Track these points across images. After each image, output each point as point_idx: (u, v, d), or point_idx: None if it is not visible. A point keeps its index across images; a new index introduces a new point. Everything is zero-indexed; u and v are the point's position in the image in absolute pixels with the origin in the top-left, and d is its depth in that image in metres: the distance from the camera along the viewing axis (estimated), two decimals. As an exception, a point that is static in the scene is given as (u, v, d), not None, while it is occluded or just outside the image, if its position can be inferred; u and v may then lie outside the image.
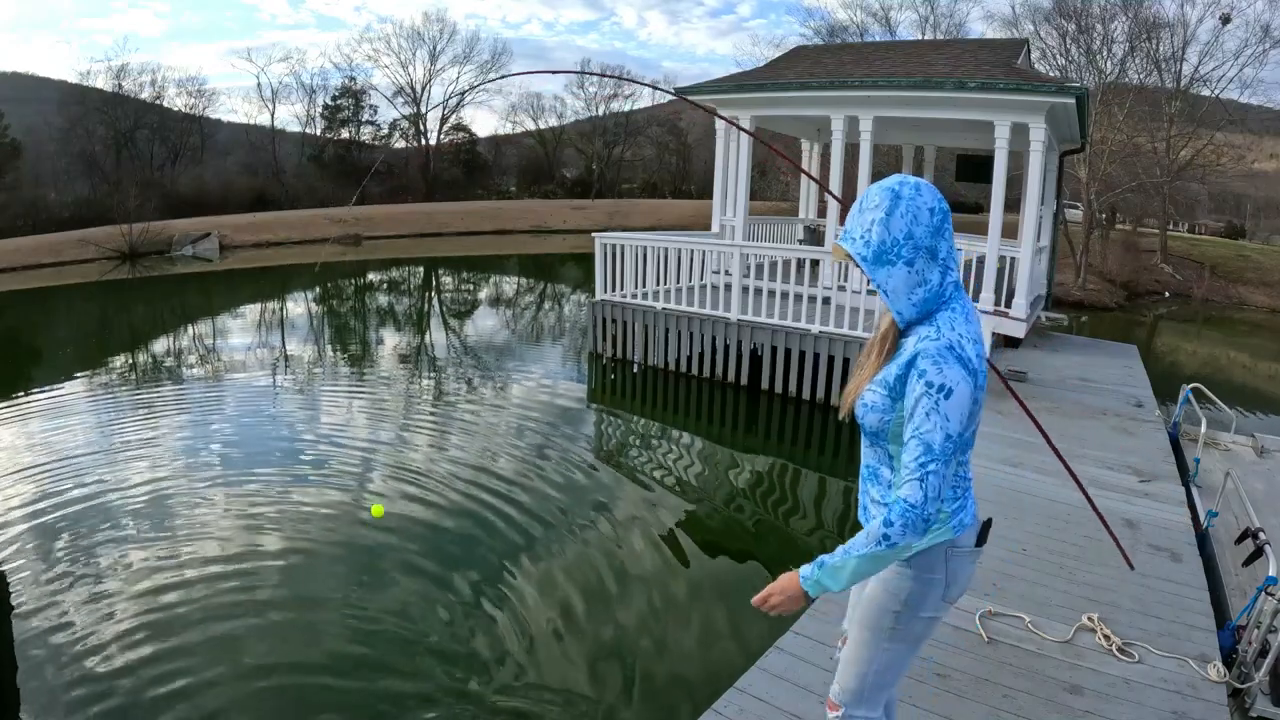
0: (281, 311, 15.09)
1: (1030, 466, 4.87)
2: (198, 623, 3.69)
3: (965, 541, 1.59)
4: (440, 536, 4.76)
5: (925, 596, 1.58)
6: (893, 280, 1.45)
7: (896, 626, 1.61)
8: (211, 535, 4.65)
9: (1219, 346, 16.04)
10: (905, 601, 1.59)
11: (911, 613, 1.60)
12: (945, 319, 1.45)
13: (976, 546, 1.62)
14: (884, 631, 1.62)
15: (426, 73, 43.04)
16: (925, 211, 1.43)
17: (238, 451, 6.23)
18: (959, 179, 14.33)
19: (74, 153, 31.54)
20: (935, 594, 1.59)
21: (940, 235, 1.45)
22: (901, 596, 1.59)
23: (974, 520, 1.61)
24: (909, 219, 1.42)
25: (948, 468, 1.39)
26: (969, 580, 1.65)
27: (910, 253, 1.43)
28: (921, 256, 1.44)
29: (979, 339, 1.49)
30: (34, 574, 4.14)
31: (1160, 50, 21.54)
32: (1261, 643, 2.78)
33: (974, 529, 1.61)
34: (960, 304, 1.49)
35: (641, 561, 4.53)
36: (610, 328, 9.00)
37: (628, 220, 30.28)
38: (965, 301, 1.52)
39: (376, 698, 3.21)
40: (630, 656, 3.59)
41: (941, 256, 1.46)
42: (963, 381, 1.39)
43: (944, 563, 1.57)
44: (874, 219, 1.44)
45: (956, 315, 1.46)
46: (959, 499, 1.59)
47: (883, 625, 1.62)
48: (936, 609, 1.62)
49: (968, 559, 1.61)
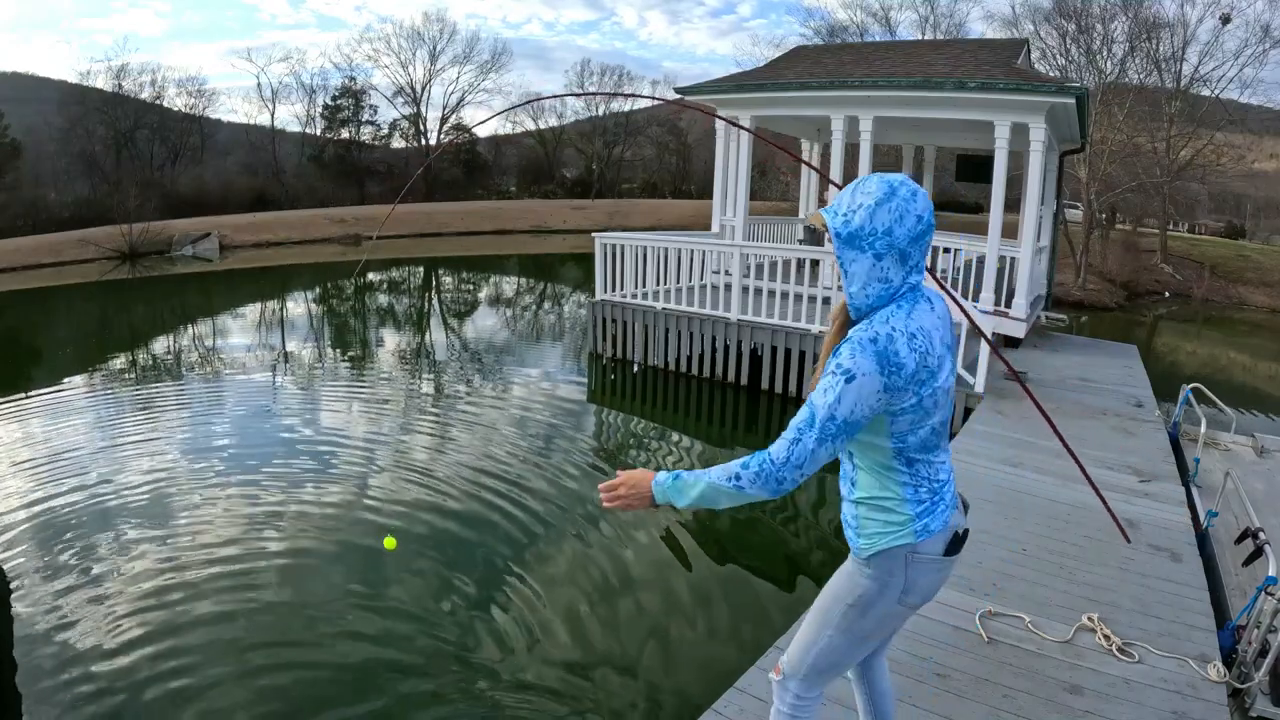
0: (281, 311, 15.10)
1: (1030, 466, 4.87)
2: (199, 622, 3.70)
3: (929, 549, 1.55)
4: (441, 536, 4.76)
5: (879, 597, 1.58)
6: (857, 265, 1.47)
7: (845, 619, 1.62)
8: (213, 534, 4.65)
9: (1219, 346, 16.04)
10: (859, 598, 1.60)
11: (862, 610, 1.61)
12: (884, 314, 1.47)
13: (945, 556, 1.58)
14: (832, 620, 1.64)
15: (426, 73, 43.06)
16: (912, 217, 1.44)
17: (239, 451, 6.23)
18: (959, 179, 14.35)
19: (74, 153, 31.53)
20: (890, 596, 1.58)
21: (917, 244, 1.46)
22: (857, 592, 1.60)
23: (944, 528, 1.57)
24: (895, 216, 1.43)
25: (822, 446, 1.40)
26: (934, 589, 1.62)
27: (883, 248, 1.45)
28: (891, 255, 1.45)
29: (926, 332, 1.47)
30: (35, 573, 4.14)
31: (1160, 50, 21.55)
32: (1261, 643, 2.78)
33: (942, 537, 1.57)
34: (909, 301, 1.49)
35: (641, 561, 4.54)
36: (610, 328, 9.00)
37: (628, 220, 30.28)
38: (919, 300, 1.51)
39: (378, 698, 3.21)
40: (630, 656, 3.59)
41: (910, 264, 1.48)
42: (871, 373, 1.39)
43: (903, 568, 1.55)
44: (863, 203, 1.45)
45: (899, 311, 1.47)
46: (924, 503, 1.55)
47: (833, 614, 1.65)
48: (889, 611, 1.61)
49: (932, 567, 1.58)
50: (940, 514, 1.56)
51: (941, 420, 1.55)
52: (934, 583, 1.61)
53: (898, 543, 1.54)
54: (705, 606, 4.07)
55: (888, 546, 1.54)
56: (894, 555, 1.55)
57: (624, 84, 46.82)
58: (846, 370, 1.40)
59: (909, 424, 1.48)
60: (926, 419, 1.49)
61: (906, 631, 2.93)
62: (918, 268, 1.49)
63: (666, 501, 1.52)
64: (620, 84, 46.63)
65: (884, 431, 1.49)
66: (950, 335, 1.59)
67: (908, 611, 1.65)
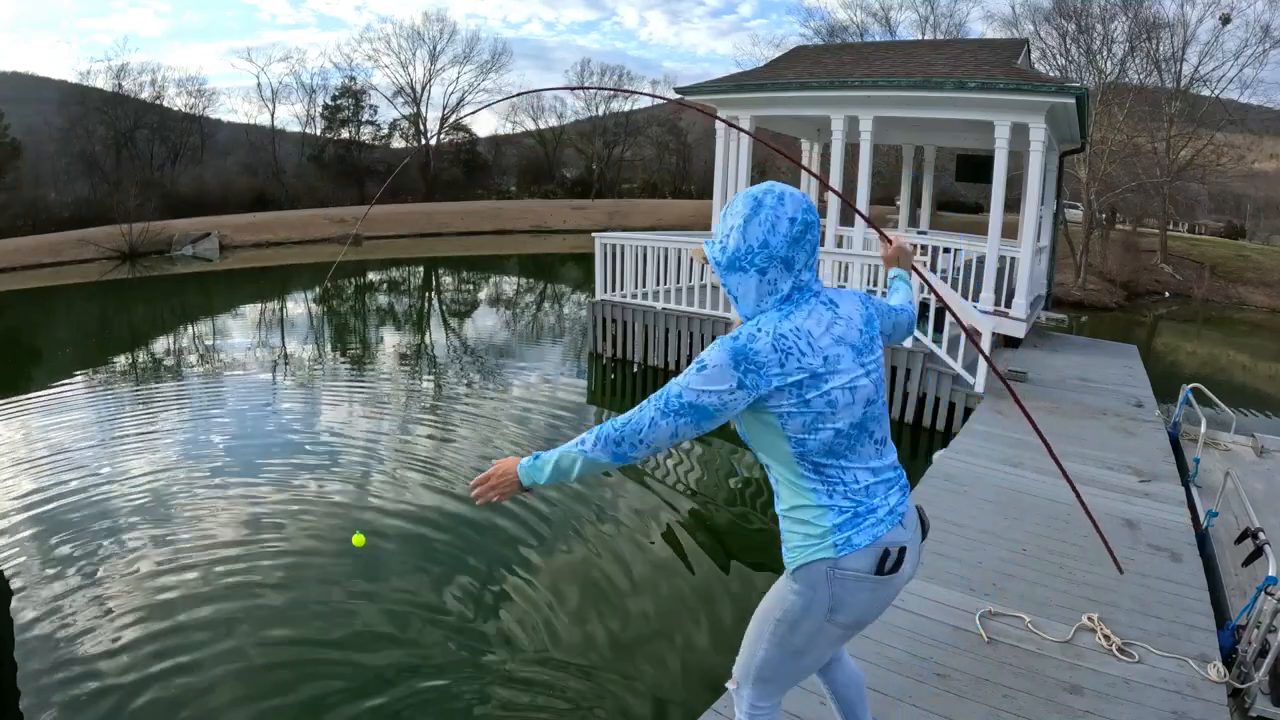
0: (282, 311, 15.10)
1: (1030, 466, 4.87)
2: (200, 622, 3.69)
3: (853, 565, 1.47)
4: (442, 535, 4.76)
5: (805, 614, 1.53)
6: (743, 286, 1.47)
7: (775, 634, 1.58)
8: (214, 533, 4.65)
9: (1219, 346, 16.04)
10: (785, 613, 1.55)
11: (790, 626, 1.55)
12: (761, 318, 1.45)
13: (879, 574, 1.49)
14: (765, 634, 1.61)
15: (426, 73, 43.06)
16: (785, 221, 1.43)
17: (239, 449, 6.23)
18: (959, 179, 14.34)
19: (74, 153, 31.52)
20: (816, 614, 1.52)
21: (798, 245, 1.45)
22: (784, 607, 1.56)
23: (872, 543, 1.48)
24: (766, 228, 1.43)
25: (663, 419, 1.40)
26: (870, 610, 1.55)
27: (764, 261, 1.44)
28: (775, 265, 1.44)
29: (804, 331, 1.44)
30: (35, 573, 4.14)
31: (1160, 50, 21.56)
32: (1261, 642, 2.78)
33: (869, 552, 1.48)
34: (794, 304, 1.47)
35: (641, 562, 4.54)
36: (610, 328, 9.00)
37: (628, 220, 30.28)
38: (807, 302, 1.48)
39: (379, 699, 3.21)
40: (630, 656, 3.59)
41: (797, 267, 1.46)
42: (721, 365, 1.38)
43: (825, 584, 1.48)
44: (734, 225, 1.45)
45: (776, 314, 1.45)
46: (844, 513, 1.48)
47: (764, 627, 1.61)
48: (819, 629, 1.54)
49: (861, 586, 1.49)
50: (867, 528, 1.48)
51: (853, 424, 1.47)
52: (867, 603, 1.53)
53: (816, 556, 1.48)
54: (705, 606, 4.07)
55: (807, 560, 1.49)
56: (814, 570, 1.49)
57: (624, 84, 46.86)
58: (701, 360, 1.42)
59: (803, 426, 1.44)
60: (824, 421, 1.44)
61: (906, 631, 2.93)
62: (807, 266, 1.48)
63: (532, 482, 1.50)
64: (620, 84, 46.68)
65: (779, 432, 1.46)
66: (862, 335, 1.52)
67: (842, 632, 1.57)
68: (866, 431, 1.51)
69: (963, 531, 3.85)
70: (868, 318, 1.56)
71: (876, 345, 1.57)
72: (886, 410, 1.61)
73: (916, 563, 1.61)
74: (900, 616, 3.01)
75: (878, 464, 1.53)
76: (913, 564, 1.58)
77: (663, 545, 4.79)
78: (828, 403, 1.44)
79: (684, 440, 1.45)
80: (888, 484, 1.55)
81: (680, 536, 4.93)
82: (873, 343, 1.55)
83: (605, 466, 1.47)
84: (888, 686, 2.58)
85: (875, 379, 1.53)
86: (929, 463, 5.16)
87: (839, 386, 1.45)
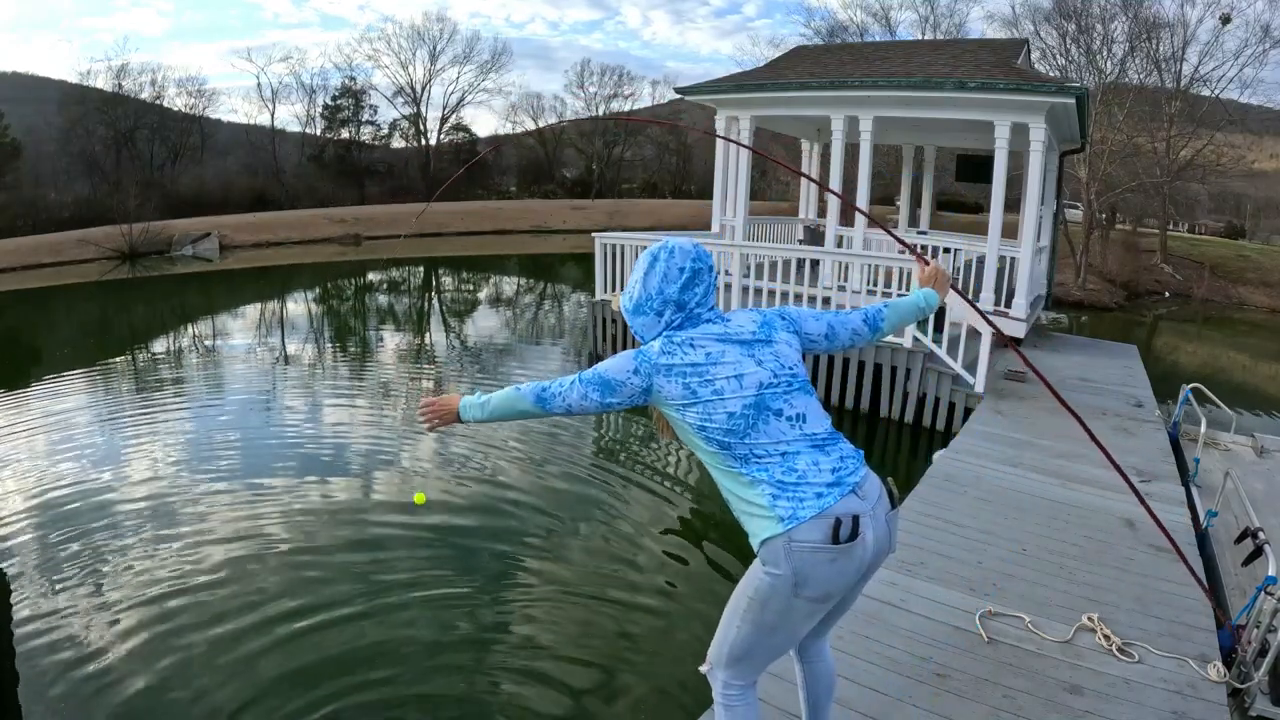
0: (282, 311, 15.10)
1: (1030, 466, 4.87)
2: (201, 621, 3.69)
3: (805, 537, 1.56)
4: (442, 536, 4.76)
5: (773, 591, 1.62)
6: (645, 325, 1.77)
7: (748, 611, 1.67)
8: (215, 532, 4.65)
9: (1219, 346, 16.04)
10: (756, 590, 1.65)
11: (761, 604, 1.65)
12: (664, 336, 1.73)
13: (834, 543, 1.57)
14: (739, 611, 1.70)
15: (426, 73, 43.06)
16: (675, 270, 1.73)
17: (240, 449, 6.23)
18: (959, 179, 14.34)
19: (74, 153, 31.51)
20: (783, 590, 1.60)
21: (689, 289, 1.74)
22: (754, 584, 1.65)
23: (818, 514, 1.57)
24: (660, 277, 1.74)
25: (581, 385, 1.70)
26: (836, 582, 1.62)
27: (660, 305, 1.74)
28: (670, 308, 1.74)
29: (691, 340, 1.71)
30: (35, 574, 4.14)
31: (1160, 50, 21.55)
32: (1261, 642, 2.79)
33: (820, 524, 1.57)
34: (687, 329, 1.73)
35: (641, 560, 4.54)
36: (610, 328, 9.00)
37: (627, 220, 30.26)
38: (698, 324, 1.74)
39: (381, 700, 3.21)
40: (629, 655, 3.59)
41: (690, 306, 1.74)
42: (625, 356, 1.71)
43: (785, 559, 1.57)
44: (635, 279, 1.78)
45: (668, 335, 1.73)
46: (784, 487, 1.60)
47: (738, 605, 1.71)
48: (789, 606, 1.63)
49: (819, 557, 1.57)
50: (809, 500, 1.59)
51: (745, 405, 1.65)
52: (831, 575, 1.60)
53: (769, 533, 1.59)
54: (705, 606, 4.06)
55: (765, 537, 1.60)
56: (773, 546, 1.59)
57: (624, 84, 46.90)
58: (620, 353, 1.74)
59: (699, 415, 1.65)
60: (715, 407, 1.64)
61: (906, 631, 2.93)
62: (701, 304, 1.75)
63: (470, 417, 1.82)
64: (620, 84, 46.71)
65: (686, 425, 1.68)
66: (754, 335, 1.74)
67: (810, 606, 1.65)
68: (769, 410, 1.67)
69: (963, 531, 3.85)
70: (763, 323, 1.78)
71: (773, 341, 1.76)
72: (804, 391, 1.75)
73: (888, 535, 1.69)
74: (900, 616, 3.01)
75: (793, 437, 1.67)
76: (881, 535, 1.66)
77: (661, 545, 4.79)
78: (714, 391, 1.66)
79: (592, 410, 1.73)
80: (816, 454, 1.67)
81: (679, 537, 4.93)
82: (768, 340, 1.75)
83: (529, 411, 1.77)
84: (888, 686, 2.58)
85: (771, 367, 1.72)
86: (929, 463, 5.16)
87: (724, 376, 1.67)
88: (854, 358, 7.27)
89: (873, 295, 7.49)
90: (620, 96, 46.65)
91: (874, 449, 6.87)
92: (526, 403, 1.76)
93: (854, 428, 7.16)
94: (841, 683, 2.54)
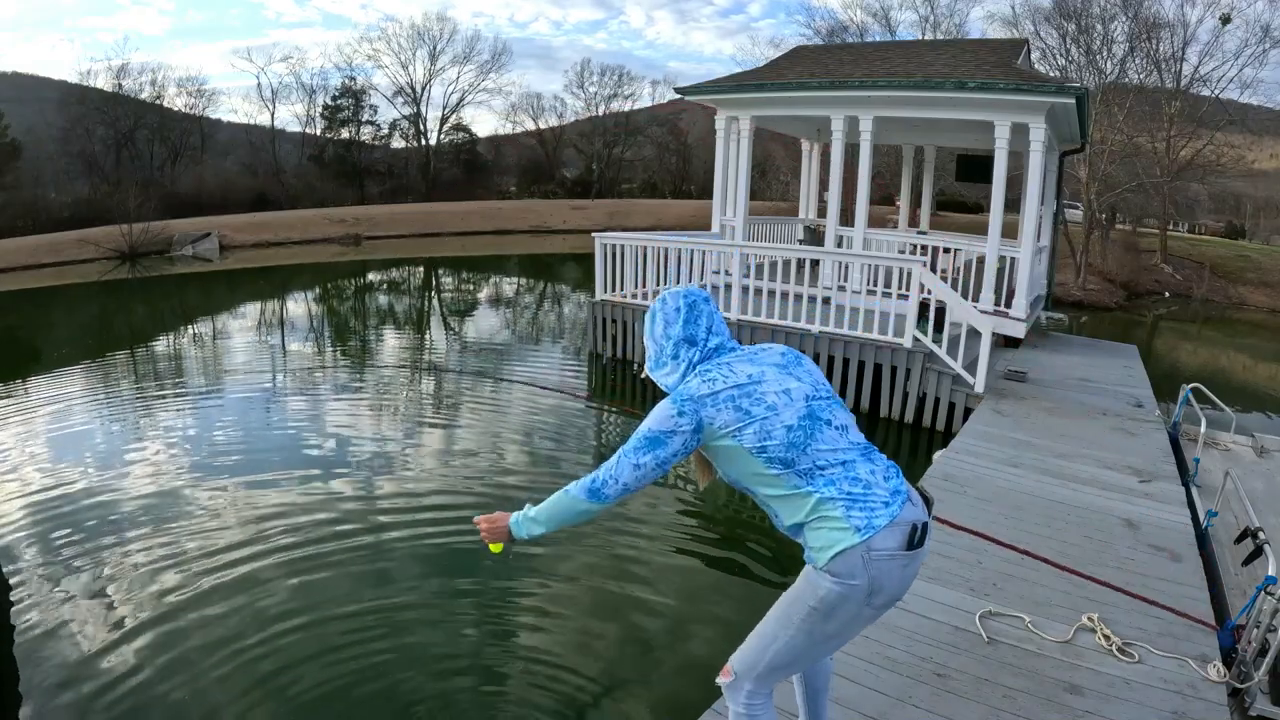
0: (282, 311, 15.10)
1: (1030, 466, 4.87)
2: (202, 620, 3.69)
3: (884, 544, 1.58)
4: (444, 535, 4.75)
5: (844, 600, 1.60)
6: (669, 374, 1.79)
7: (807, 621, 1.66)
8: (216, 532, 4.64)
9: (1219, 346, 16.04)
10: (821, 600, 1.62)
11: (825, 614, 1.63)
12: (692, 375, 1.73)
13: (909, 550, 1.60)
14: (794, 621, 1.68)
15: (427, 72, 43.09)
16: (672, 312, 1.79)
17: (241, 449, 6.23)
18: (959, 179, 14.36)
19: (74, 153, 31.56)
20: (855, 598, 1.60)
21: (692, 323, 1.77)
22: (819, 594, 1.62)
23: (891, 522, 1.59)
24: (664, 325, 1.80)
25: (630, 456, 1.67)
26: (902, 588, 1.64)
27: (674, 348, 1.78)
28: (683, 347, 1.77)
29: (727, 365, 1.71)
30: (35, 574, 4.13)
31: (1160, 50, 21.55)
32: (1261, 642, 2.78)
33: (895, 531, 1.59)
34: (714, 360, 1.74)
35: (641, 561, 4.53)
36: (610, 328, 9.00)
37: (628, 220, 30.26)
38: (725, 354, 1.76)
39: (382, 698, 3.21)
40: (629, 656, 3.59)
41: (700, 338, 1.77)
42: (665, 406, 1.68)
43: (863, 569, 1.57)
44: (648, 336, 1.84)
45: (700, 370, 1.73)
46: (856, 500, 1.60)
47: (793, 615, 1.68)
48: (857, 614, 1.64)
49: (895, 564, 1.59)
50: (880, 508, 1.60)
51: (801, 417, 1.64)
52: (900, 580, 1.63)
53: (845, 544, 1.57)
54: (705, 606, 4.07)
55: (839, 550, 1.57)
56: (850, 558, 1.57)
57: (624, 84, 46.90)
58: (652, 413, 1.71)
59: (755, 434, 1.63)
60: (771, 423, 1.63)
61: (906, 631, 2.93)
62: (712, 333, 1.78)
63: (521, 534, 1.83)
64: (620, 84, 46.72)
65: (742, 451, 1.64)
66: (784, 357, 1.77)
67: (875, 613, 1.67)
68: (821, 420, 1.68)
69: (963, 532, 3.85)
70: (787, 352, 1.80)
71: (804, 363, 1.79)
72: (840, 405, 1.78)
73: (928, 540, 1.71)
74: (900, 616, 3.01)
75: (846, 445, 1.68)
76: (929, 539, 1.69)
77: (661, 545, 4.79)
78: (767, 406, 1.65)
79: (648, 476, 1.70)
80: (868, 463, 1.68)
81: (679, 537, 4.93)
82: (798, 362, 1.78)
83: (589, 509, 1.73)
84: (888, 686, 2.58)
85: (810, 381, 1.74)
86: (929, 463, 5.17)
87: (774, 392, 1.67)
88: (854, 358, 7.27)
89: (873, 295, 7.49)
90: (620, 96, 46.70)
91: (874, 449, 6.86)
92: (582, 503, 1.73)
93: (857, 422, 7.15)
94: (842, 683, 2.55)
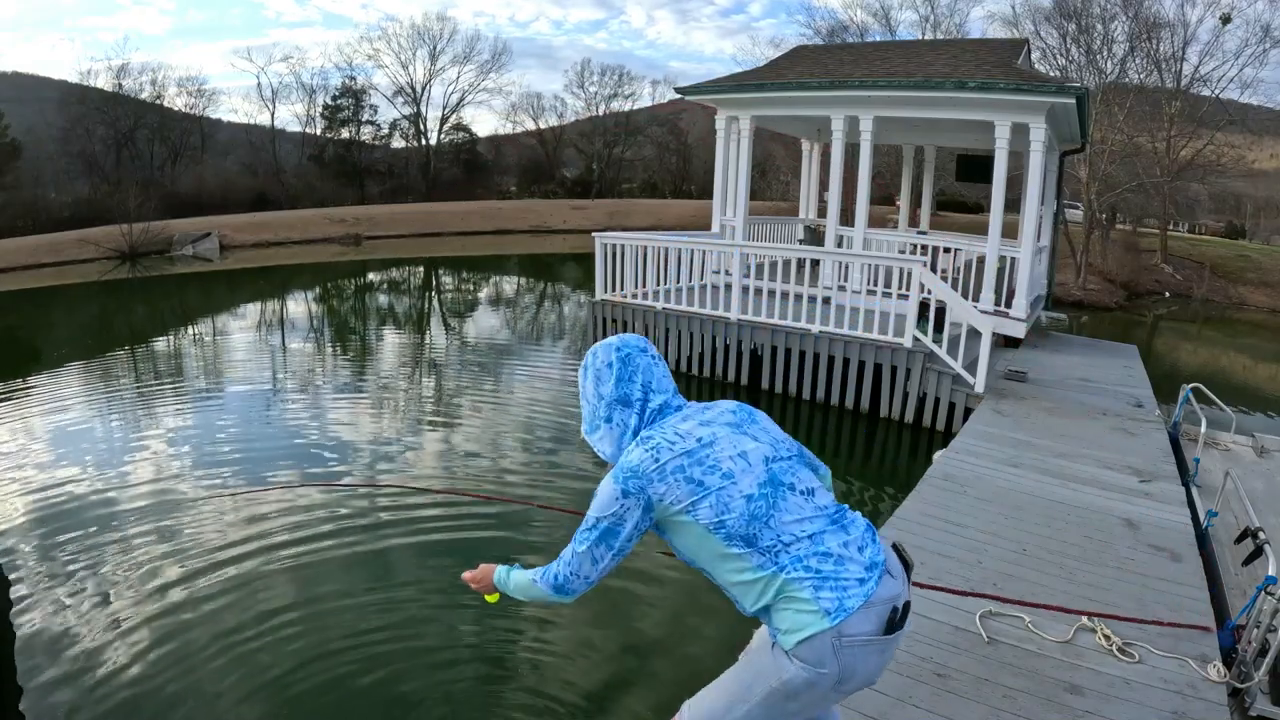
0: (282, 311, 15.10)
1: (1030, 466, 4.87)
2: (202, 619, 3.69)
3: (858, 629, 1.39)
4: (444, 536, 4.75)
5: (810, 687, 1.44)
6: (603, 439, 1.62)
7: (768, 700, 1.49)
8: (217, 531, 4.64)
9: (1219, 346, 16.04)
10: (786, 684, 1.45)
11: (789, 695, 1.47)
12: (634, 444, 1.55)
13: (886, 635, 1.42)
14: (755, 696, 1.51)
15: (427, 72, 43.09)
16: (605, 369, 1.61)
17: (241, 448, 6.23)
18: (959, 179, 14.35)
19: (74, 153, 31.57)
20: (823, 686, 1.43)
21: (625, 383, 1.59)
22: (784, 677, 1.45)
23: (865, 602, 1.40)
24: (594, 382, 1.62)
25: (582, 548, 1.54)
26: (875, 673, 1.47)
27: (607, 410, 1.60)
28: (616, 409, 1.60)
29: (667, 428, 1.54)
30: (35, 573, 4.13)
31: (1160, 50, 21.56)
32: (1261, 642, 2.78)
33: (870, 613, 1.41)
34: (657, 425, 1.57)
35: (641, 562, 4.53)
36: (610, 328, 9.00)
37: (628, 220, 30.26)
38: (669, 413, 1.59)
39: (382, 699, 3.21)
40: (628, 657, 3.59)
41: (636, 399, 1.59)
42: (607, 486, 1.52)
43: (833, 656, 1.39)
44: (582, 396, 1.67)
45: (643, 437, 1.54)
46: (825, 578, 1.41)
47: (756, 689, 1.51)
48: (824, 696, 1.47)
49: (870, 650, 1.42)
50: (854, 589, 1.41)
51: (761, 484, 1.47)
52: (877, 665, 1.46)
53: (814, 630, 1.39)
54: (704, 608, 4.06)
55: (807, 636, 1.40)
56: (818, 644, 1.39)
57: (624, 83, 46.90)
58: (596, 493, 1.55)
59: (711, 507, 1.46)
60: (729, 493, 1.46)
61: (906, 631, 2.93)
62: (653, 389, 1.60)
63: (501, 588, 1.74)
64: (620, 83, 46.72)
65: (698, 528, 1.48)
66: (735, 415, 1.60)
67: (844, 696, 1.52)
68: (783, 485, 1.50)
69: (963, 531, 3.85)
70: (739, 409, 1.63)
71: (758, 419, 1.62)
72: (802, 463, 1.61)
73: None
74: (900, 616, 3.00)
75: (812, 513, 1.49)
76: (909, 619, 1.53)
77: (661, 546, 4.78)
78: (723, 475, 1.47)
79: (610, 565, 1.55)
80: (839, 532, 1.48)
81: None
82: (751, 419, 1.61)
83: (555, 601, 1.61)
84: (888, 686, 2.58)
85: (768, 440, 1.57)
86: (929, 463, 5.16)
87: (727, 456, 1.49)
88: (854, 358, 7.27)
89: (873, 295, 7.49)
90: (620, 96, 46.71)
91: (874, 449, 6.87)
92: (552, 596, 1.60)
93: (854, 428, 7.17)
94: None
